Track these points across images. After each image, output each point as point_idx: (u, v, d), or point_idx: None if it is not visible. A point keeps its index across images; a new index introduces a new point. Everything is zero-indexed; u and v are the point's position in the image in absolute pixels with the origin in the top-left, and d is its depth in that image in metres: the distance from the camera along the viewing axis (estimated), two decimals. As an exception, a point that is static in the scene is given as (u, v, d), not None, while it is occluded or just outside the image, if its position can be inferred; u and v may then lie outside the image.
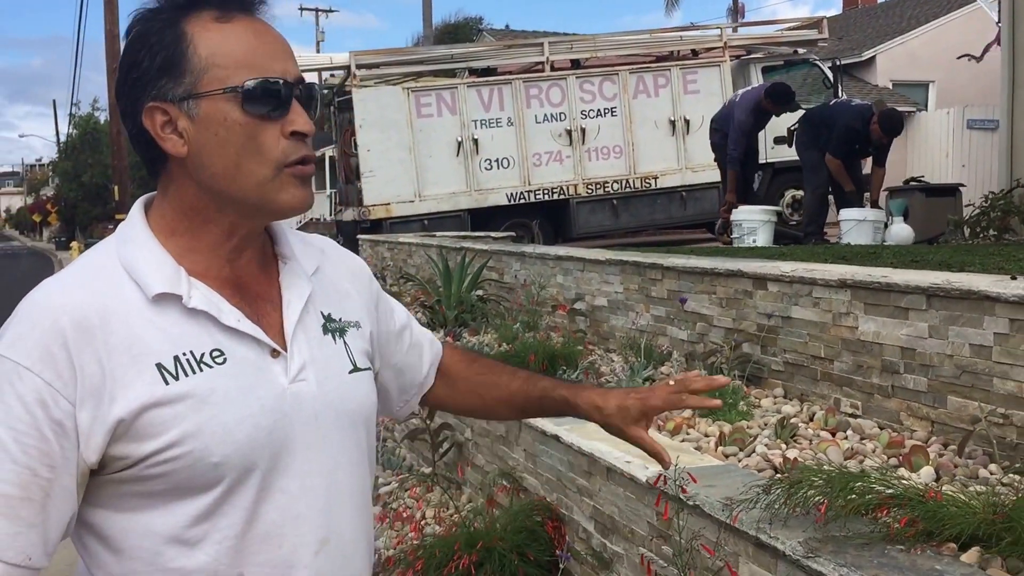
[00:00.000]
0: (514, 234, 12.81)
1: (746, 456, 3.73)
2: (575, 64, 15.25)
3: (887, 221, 10.09)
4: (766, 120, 11.20)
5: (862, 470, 3.32)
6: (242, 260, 1.41)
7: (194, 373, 1.29)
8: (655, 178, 15.06)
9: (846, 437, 3.94)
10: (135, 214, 1.40)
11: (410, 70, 14.30)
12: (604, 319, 6.50)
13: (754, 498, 2.67)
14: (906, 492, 2.62)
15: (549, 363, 5.41)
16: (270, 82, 1.31)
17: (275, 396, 1.34)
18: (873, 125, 9.85)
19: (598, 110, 14.95)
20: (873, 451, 3.71)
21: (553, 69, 14.89)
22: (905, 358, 3.94)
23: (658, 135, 15.12)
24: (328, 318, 1.47)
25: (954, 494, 2.66)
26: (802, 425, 4.12)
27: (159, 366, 1.27)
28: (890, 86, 26.87)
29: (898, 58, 27.26)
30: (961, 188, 11.92)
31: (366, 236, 13.25)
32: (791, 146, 11.20)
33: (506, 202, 14.29)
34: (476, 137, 14.12)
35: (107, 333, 1.27)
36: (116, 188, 20.43)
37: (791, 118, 11.60)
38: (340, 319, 1.49)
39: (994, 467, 3.38)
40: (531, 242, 13.64)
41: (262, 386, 1.34)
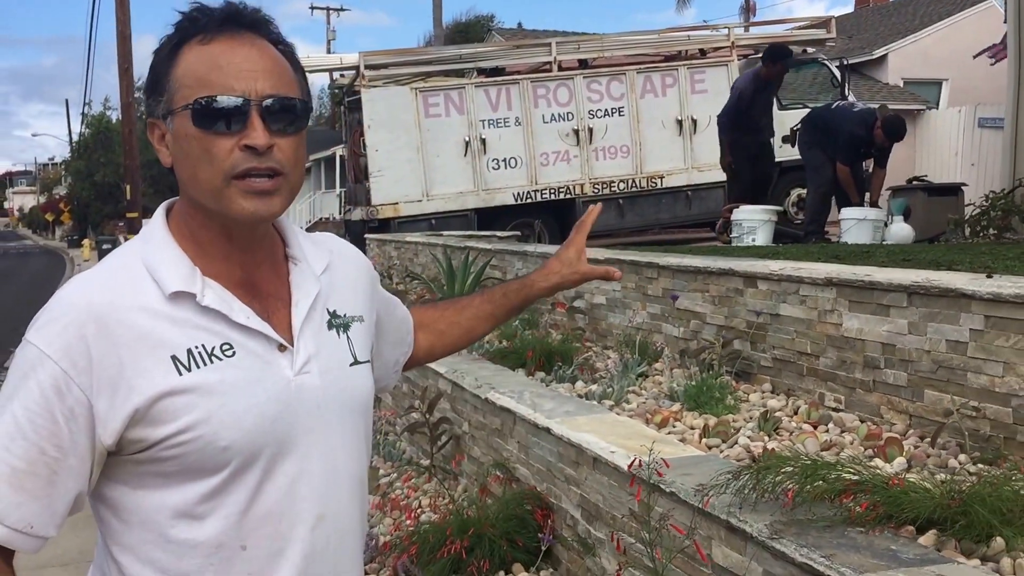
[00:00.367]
0: (519, 233, 12.93)
1: (728, 447, 3.86)
2: (583, 64, 15.33)
3: (887, 220, 10.19)
4: (768, 90, 11.10)
5: (838, 460, 3.45)
6: (253, 263, 1.53)
7: (205, 365, 1.41)
8: (661, 177, 15.14)
9: (827, 430, 4.07)
10: (157, 217, 1.54)
11: (419, 70, 14.41)
12: (603, 317, 6.63)
13: (724, 484, 2.80)
14: (870, 479, 2.75)
15: (546, 359, 5.55)
16: (217, 100, 1.40)
17: (281, 387, 1.47)
18: (877, 130, 9.93)
19: (605, 110, 15.03)
20: (851, 443, 3.83)
21: (561, 69, 14.98)
22: (886, 354, 4.06)
23: (665, 135, 15.20)
24: (333, 314, 1.59)
25: (916, 481, 2.79)
26: (786, 418, 4.25)
27: (174, 358, 1.40)
28: (901, 84, 26.85)
29: (910, 56, 27.19)
30: (963, 187, 11.99)
31: (374, 235, 13.40)
32: (794, 146, 11.28)
33: (513, 202, 14.40)
34: (484, 137, 14.23)
35: (126, 327, 1.39)
36: (127, 187, 20.58)
37: (796, 116, 11.67)
38: (345, 315, 1.61)
39: (964, 457, 3.51)
40: (538, 241, 13.78)
41: (269, 378, 1.46)
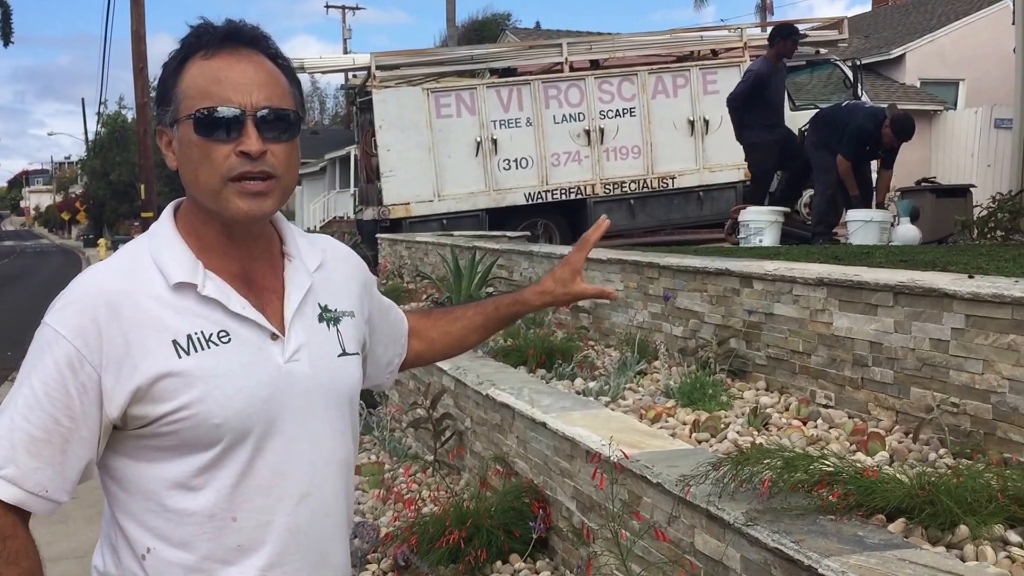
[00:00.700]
0: (529, 234, 13.02)
1: (718, 442, 3.97)
2: (594, 64, 15.39)
3: (893, 222, 10.25)
4: (781, 75, 11.06)
5: (821, 453, 3.56)
6: (251, 258, 1.66)
7: (203, 350, 1.55)
8: (673, 178, 15.17)
9: (816, 425, 4.19)
10: (165, 215, 1.69)
11: (430, 71, 14.50)
12: (606, 316, 6.75)
13: (704, 474, 2.92)
14: (844, 470, 2.86)
15: (547, 357, 5.67)
16: (217, 110, 1.55)
17: (271, 373, 1.60)
18: (885, 128, 9.98)
19: (617, 110, 15.06)
20: (837, 438, 3.95)
21: (572, 69, 15.04)
22: (873, 352, 4.17)
23: (676, 135, 15.21)
24: (324, 308, 1.72)
25: (890, 472, 2.90)
26: (776, 414, 4.37)
27: (174, 342, 1.54)
28: (918, 84, 26.79)
29: (927, 56, 27.08)
30: (972, 189, 12.04)
31: (385, 235, 13.52)
32: (801, 145, 11.33)
33: (524, 202, 14.47)
34: (495, 137, 14.31)
35: (133, 312, 1.54)
36: (142, 187, 20.69)
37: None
38: (336, 309, 1.74)
39: (944, 451, 3.62)
40: (549, 242, 13.87)
41: (260, 363, 1.60)
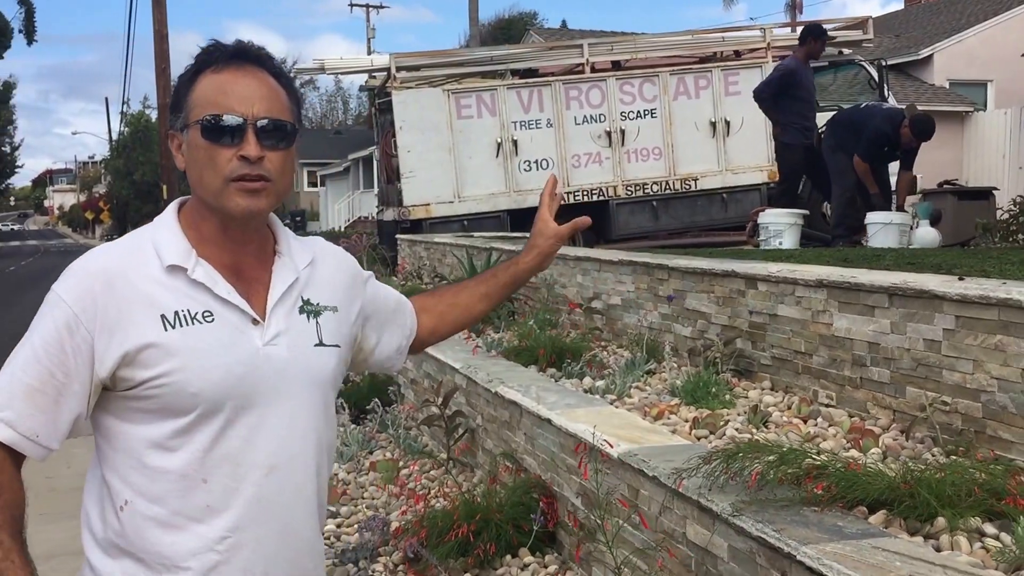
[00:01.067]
0: None
1: (717, 438, 4.09)
2: (616, 65, 15.44)
3: (913, 224, 10.28)
4: (810, 75, 11.11)
5: (808, 449, 3.67)
6: (243, 252, 1.85)
7: (187, 326, 1.74)
8: (695, 180, 15.17)
9: (816, 424, 4.29)
10: (170, 207, 1.90)
11: (450, 72, 14.60)
12: (618, 317, 6.87)
13: (695, 467, 3.04)
14: (831, 464, 2.98)
15: (558, 356, 5.80)
16: (221, 118, 1.75)
17: (249, 353, 1.78)
18: (903, 129, 9.98)
19: (638, 111, 15.09)
20: (834, 435, 4.05)
21: (594, 70, 15.10)
22: (871, 352, 4.27)
23: (698, 137, 15.22)
24: (307, 302, 1.90)
25: (874, 467, 3.01)
26: (778, 413, 4.48)
27: (162, 317, 1.74)
28: (947, 85, 26.66)
29: (955, 56, 26.91)
30: (995, 192, 12.03)
31: (404, 236, 13.64)
32: (818, 147, 11.35)
33: (545, 203, 14.54)
34: (515, 138, 14.38)
35: (128, 287, 1.74)
36: (165, 187, 20.81)
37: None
38: (318, 303, 1.92)
39: (936, 449, 3.72)
40: (572, 243, 13.96)
41: (239, 344, 1.78)
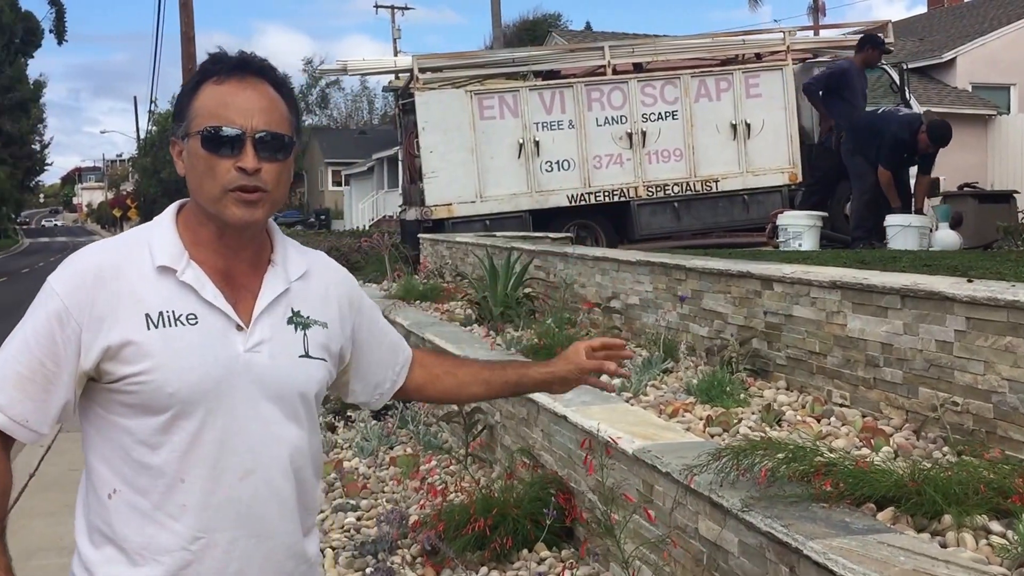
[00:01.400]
0: (572, 235, 13.16)
1: (730, 436, 4.15)
2: (637, 67, 15.49)
3: (933, 227, 10.29)
4: (861, 81, 11.12)
5: (829, 447, 3.74)
6: (236, 259, 1.88)
7: (170, 326, 1.78)
8: (716, 181, 15.20)
9: (829, 423, 4.35)
10: (169, 209, 1.94)
11: (472, 73, 14.70)
12: (636, 316, 6.93)
13: (705, 463, 3.11)
14: (839, 461, 3.04)
15: (575, 355, 5.86)
16: (221, 130, 1.79)
17: (230, 357, 1.81)
18: (921, 135, 10.01)
19: (659, 113, 15.13)
20: (846, 434, 4.11)
21: (615, 72, 15.16)
22: (884, 353, 4.32)
23: (719, 139, 15.24)
24: (297, 313, 1.92)
25: (881, 465, 3.07)
26: (791, 412, 4.54)
27: (147, 315, 1.78)
28: (970, 89, 26.56)
29: (978, 60, 26.84)
30: (1016, 195, 12.01)
31: (426, 235, 13.75)
32: (838, 151, 11.37)
33: (567, 203, 14.60)
34: (537, 139, 14.44)
35: (118, 284, 1.79)
36: None
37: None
38: (308, 316, 1.93)
39: (947, 449, 3.77)
40: (595, 243, 14.02)
41: (221, 348, 1.81)
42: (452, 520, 4.39)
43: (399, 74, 15.47)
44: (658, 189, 15.04)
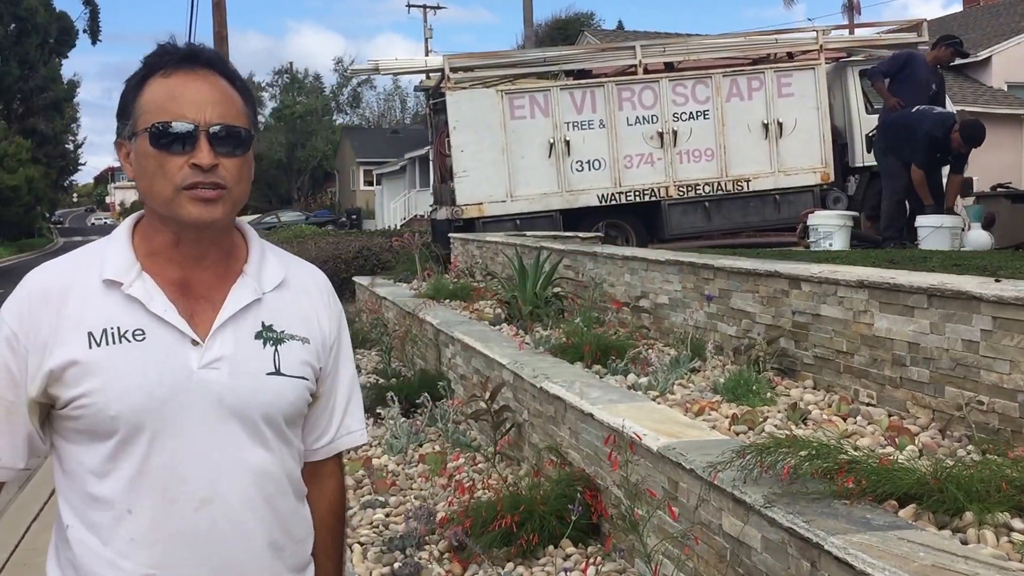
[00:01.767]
0: (602, 235, 13.18)
1: (755, 435, 4.17)
2: (668, 67, 15.49)
3: (965, 227, 10.23)
4: (929, 76, 10.94)
5: (854, 446, 3.76)
6: (197, 268, 1.72)
7: (114, 344, 1.63)
8: (747, 181, 15.16)
9: (855, 422, 4.36)
10: (127, 219, 1.80)
11: (503, 73, 14.75)
12: (665, 316, 6.96)
13: (729, 460, 3.14)
14: (863, 459, 3.06)
15: (603, 353, 5.91)
16: (171, 125, 1.64)
17: (180, 376, 1.64)
18: (954, 134, 9.95)
19: (690, 113, 15.11)
20: (872, 433, 4.12)
21: (646, 72, 15.16)
22: (911, 352, 4.33)
23: (751, 138, 15.21)
24: (268, 328, 1.74)
25: (904, 463, 3.09)
26: (817, 411, 4.55)
27: (89, 334, 1.64)
28: (1005, 88, 26.31)
29: (1014, 59, 26.60)
30: (1048, 195, 11.89)
31: (457, 235, 13.82)
32: (869, 151, 11.31)
33: (597, 203, 14.62)
34: (568, 139, 14.47)
35: (62, 304, 1.66)
36: None
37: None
38: (282, 331, 1.75)
39: (971, 448, 3.78)
40: (625, 243, 14.04)
41: (170, 365, 1.64)
42: (479, 516, 4.44)
43: (430, 73, 15.54)
44: (689, 189, 15.03)
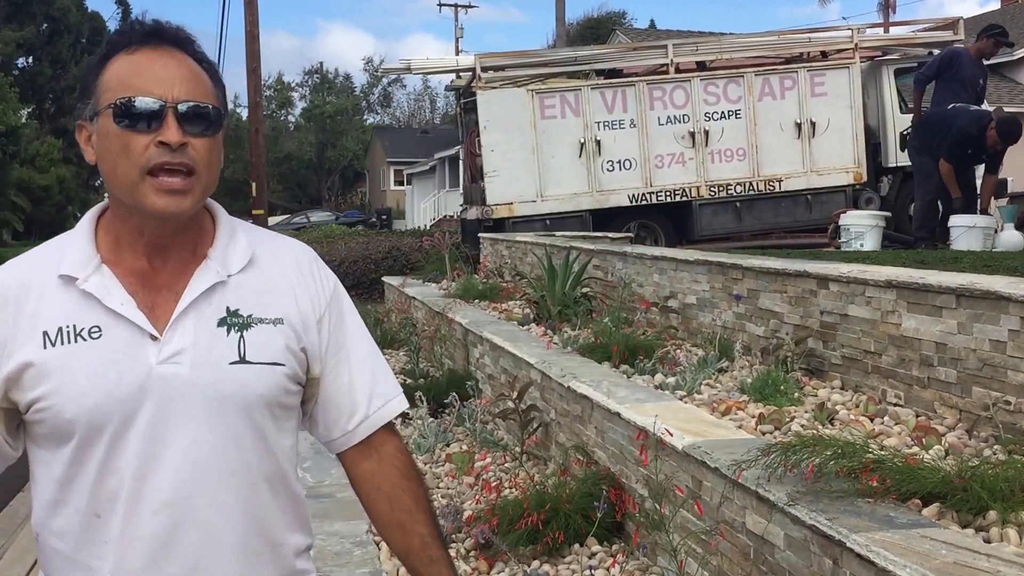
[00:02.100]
0: (632, 235, 13.17)
1: (782, 435, 4.17)
2: (700, 66, 15.43)
3: (997, 227, 10.14)
4: (975, 70, 10.77)
5: (880, 445, 3.75)
6: (161, 257, 1.61)
7: (70, 343, 1.54)
8: (779, 181, 15.08)
9: (882, 422, 4.35)
10: (91, 210, 1.68)
11: (535, 72, 14.76)
12: (693, 316, 6.96)
13: (753, 459, 3.16)
14: (888, 459, 3.06)
15: (631, 353, 5.92)
16: (136, 101, 1.52)
17: (139, 373, 1.54)
18: (990, 131, 9.85)
19: (722, 112, 15.04)
20: (898, 433, 4.11)
21: (678, 71, 15.11)
22: (938, 352, 4.31)
23: (783, 138, 15.11)
24: (234, 313, 1.61)
25: (929, 462, 3.09)
26: (844, 411, 4.55)
27: (44, 333, 1.55)
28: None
29: (1050, 58, 26.34)
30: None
31: (486, 235, 13.85)
32: (903, 150, 11.22)
33: (628, 203, 14.59)
34: (599, 138, 14.45)
35: (22, 302, 1.57)
36: (254, 184, 21.05)
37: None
38: (249, 315, 1.62)
39: (997, 447, 3.77)
40: (654, 243, 14.02)
41: (127, 363, 1.54)
42: (506, 515, 4.48)
43: (461, 73, 15.58)
44: (720, 189, 14.97)
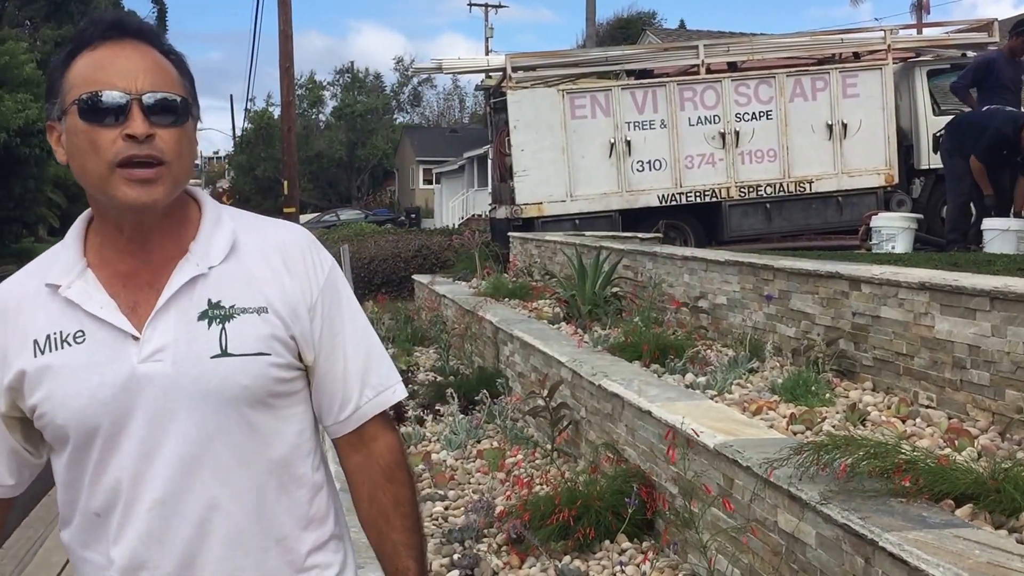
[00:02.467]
0: (661, 236, 13.15)
1: (813, 435, 4.19)
2: (731, 66, 15.40)
3: (1031, 231, 10.06)
4: (1014, 69, 10.61)
5: (913, 447, 3.75)
6: (143, 253, 1.61)
7: (58, 350, 1.57)
8: (810, 182, 15.02)
9: (914, 423, 4.35)
10: (82, 215, 1.69)
11: (565, 72, 14.79)
12: (723, 316, 6.96)
13: (785, 458, 3.17)
14: (921, 459, 3.07)
15: (661, 352, 5.94)
16: (101, 95, 1.51)
17: (122, 374, 1.55)
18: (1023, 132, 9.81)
19: (753, 113, 15.00)
20: (931, 435, 4.11)
21: (709, 71, 15.09)
22: (972, 355, 4.31)
23: (814, 139, 15.06)
24: (215, 305, 1.60)
25: (962, 463, 3.10)
26: (876, 412, 4.55)
27: (35, 342, 1.58)
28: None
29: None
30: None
31: (516, 234, 13.88)
32: (936, 152, 11.15)
33: (657, 204, 14.59)
34: (629, 139, 14.45)
35: (17, 314, 1.61)
36: (285, 183, 21.14)
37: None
38: (231, 306, 1.60)
39: (1031, 450, 3.77)
40: (684, 244, 14.00)
41: (110, 364, 1.56)
42: (537, 511, 4.51)
43: (491, 73, 15.62)
44: (750, 190, 14.93)
